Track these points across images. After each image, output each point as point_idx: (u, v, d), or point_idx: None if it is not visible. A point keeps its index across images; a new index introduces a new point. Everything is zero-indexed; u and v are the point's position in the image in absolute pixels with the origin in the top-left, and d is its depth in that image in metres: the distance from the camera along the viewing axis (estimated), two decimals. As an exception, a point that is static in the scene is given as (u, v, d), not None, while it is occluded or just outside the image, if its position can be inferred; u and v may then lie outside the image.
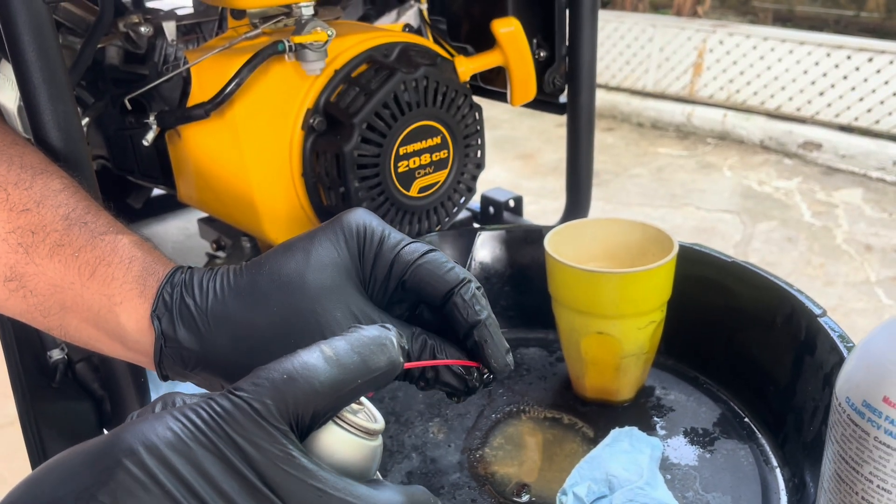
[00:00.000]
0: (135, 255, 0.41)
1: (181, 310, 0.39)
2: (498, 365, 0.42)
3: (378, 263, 0.42)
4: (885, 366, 0.28)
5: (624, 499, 0.49)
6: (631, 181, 3.06)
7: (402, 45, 0.71)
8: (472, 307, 0.41)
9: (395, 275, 0.41)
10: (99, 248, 0.41)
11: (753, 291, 0.61)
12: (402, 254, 0.42)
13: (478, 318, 0.41)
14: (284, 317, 0.39)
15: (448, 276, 0.41)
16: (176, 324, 0.39)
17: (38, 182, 0.42)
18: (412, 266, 0.41)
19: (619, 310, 0.57)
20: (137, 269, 0.41)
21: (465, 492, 0.54)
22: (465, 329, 0.41)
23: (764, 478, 0.54)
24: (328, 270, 0.40)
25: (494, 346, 0.41)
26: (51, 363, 0.61)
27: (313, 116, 0.67)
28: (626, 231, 0.63)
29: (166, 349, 0.39)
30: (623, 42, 3.83)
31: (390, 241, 0.42)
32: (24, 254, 0.40)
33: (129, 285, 0.40)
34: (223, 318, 0.39)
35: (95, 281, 0.40)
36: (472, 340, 0.41)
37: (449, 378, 0.42)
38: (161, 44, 0.68)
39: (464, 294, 0.41)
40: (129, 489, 0.26)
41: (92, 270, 0.40)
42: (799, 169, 3.07)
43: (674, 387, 0.64)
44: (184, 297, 0.40)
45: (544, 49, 0.79)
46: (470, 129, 0.74)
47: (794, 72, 3.25)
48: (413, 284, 0.41)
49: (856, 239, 2.52)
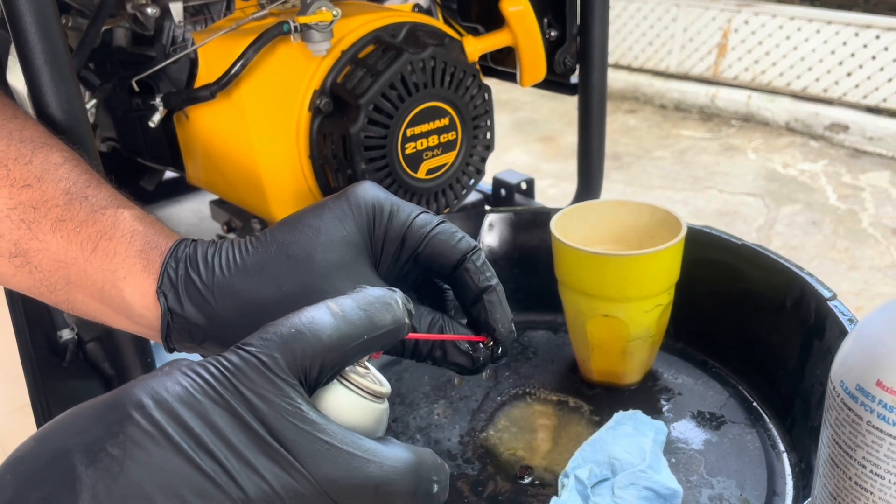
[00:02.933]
0: (136, 230, 0.41)
1: (187, 285, 0.39)
2: (504, 330, 0.43)
3: (389, 238, 0.42)
4: (879, 349, 0.27)
5: (626, 482, 0.49)
6: (653, 164, 3.02)
7: (410, 25, 0.70)
8: (483, 273, 0.42)
9: (408, 248, 0.42)
10: (100, 222, 0.40)
11: (763, 274, 0.60)
12: (413, 227, 0.42)
13: (489, 284, 0.42)
14: (293, 293, 0.39)
15: (460, 245, 0.42)
16: (182, 299, 0.39)
17: (38, 156, 0.41)
18: (425, 239, 0.42)
19: (624, 293, 0.56)
20: (140, 243, 0.40)
21: (468, 473, 0.54)
22: (474, 294, 0.42)
23: (770, 462, 0.53)
24: (338, 248, 0.40)
25: (502, 312, 0.43)
26: (61, 343, 0.62)
27: (320, 98, 0.67)
28: (634, 213, 0.63)
29: (173, 324, 0.39)
30: (646, 22, 3.77)
31: (401, 216, 0.42)
32: (26, 230, 0.40)
33: (131, 260, 0.40)
34: (230, 292, 0.39)
35: (98, 256, 0.40)
36: (481, 306, 0.42)
37: (456, 356, 0.42)
38: (169, 25, 0.68)
39: (475, 261, 0.42)
40: (138, 441, 0.27)
41: (94, 246, 0.40)
42: (825, 151, 3.02)
43: (682, 370, 0.63)
44: (189, 272, 0.39)
45: (555, 28, 0.78)
46: (479, 110, 0.73)
47: (820, 52, 3.19)
48: (426, 257, 0.42)
49: (882, 223, 2.47)
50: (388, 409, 0.35)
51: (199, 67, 0.68)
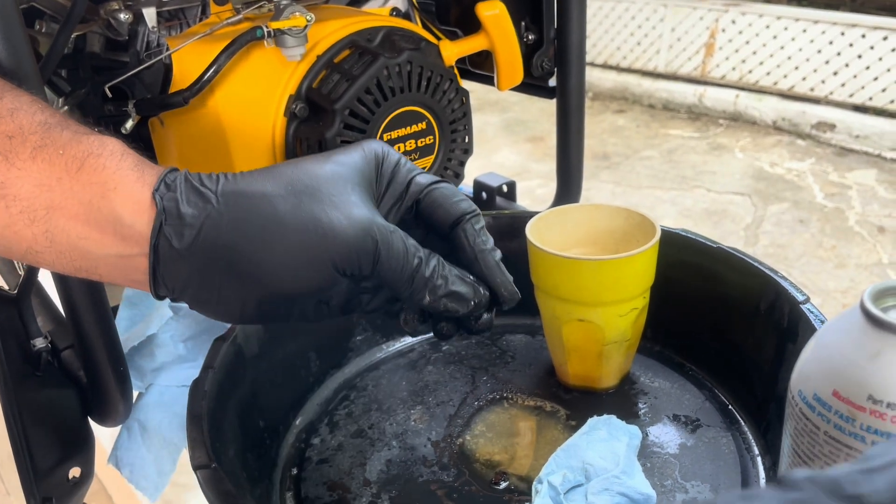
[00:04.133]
0: (127, 151, 0.39)
1: (187, 191, 0.38)
2: (506, 292, 0.43)
3: (395, 181, 0.43)
4: (836, 359, 0.27)
5: (599, 487, 0.49)
6: (641, 163, 3.03)
7: (386, 30, 0.70)
8: (480, 236, 0.43)
9: (412, 194, 0.43)
10: (85, 143, 0.38)
11: (738, 277, 0.60)
12: (418, 177, 0.43)
13: (485, 248, 0.42)
14: (298, 191, 0.38)
15: (462, 203, 0.43)
16: (180, 202, 0.37)
17: (7, 96, 0.39)
18: (428, 187, 0.43)
19: (599, 297, 0.56)
20: (131, 161, 0.38)
21: (444, 480, 0.54)
22: (470, 257, 0.42)
23: (745, 466, 0.53)
24: (346, 167, 0.40)
25: (501, 275, 0.43)
26: (34, 351, 0.62)
27: (295, 103, 0.67)
28: (610, 217, 0.63)
29: (166, 226, 0.37)
30: (634, 22, 3.78)
31: (408, 166, 0.43)
32: (3, 160, 0.37)
33: (123, 171, 0.38)
34: (233, 191, 0.38)
35: (85, 172, 0.37)
36: (478, 270, 0.42)
37: (455, 301, 0.42)
38: (142, 30, 0.67)
39: (474, 223, 0.43)
40: None
41: (80, 164, 0.37)
42: (812, 150, 3.03)
43: (658, 374, 0.63)
44: (189, 178, 0.38)
45: (532, 32, 0.77)
46: (456, 114, 0.73)
47: (807, 51, 3.20)
48: (427, 205, 0.43)
49: (868, 220, 2.49)
50: None
51: (173, 73, 0.67)
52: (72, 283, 0.54)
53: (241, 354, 0.56)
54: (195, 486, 1.27)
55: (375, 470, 0.55)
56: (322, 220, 0.38)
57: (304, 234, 0.37)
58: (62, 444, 0.60)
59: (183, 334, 0.65)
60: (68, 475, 0.61)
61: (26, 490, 0.57)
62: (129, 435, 0.64)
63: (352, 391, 0.64)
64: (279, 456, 0.58)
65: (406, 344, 0.70)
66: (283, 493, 0.55)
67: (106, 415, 0.60)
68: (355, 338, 0.68)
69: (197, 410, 0.49)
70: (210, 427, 0.48)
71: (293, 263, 0.38)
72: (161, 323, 0.63)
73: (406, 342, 0.70)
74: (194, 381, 0.52)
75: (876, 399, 0.26)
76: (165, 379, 0.64)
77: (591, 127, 3.29)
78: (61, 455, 0.59)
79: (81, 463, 0.61)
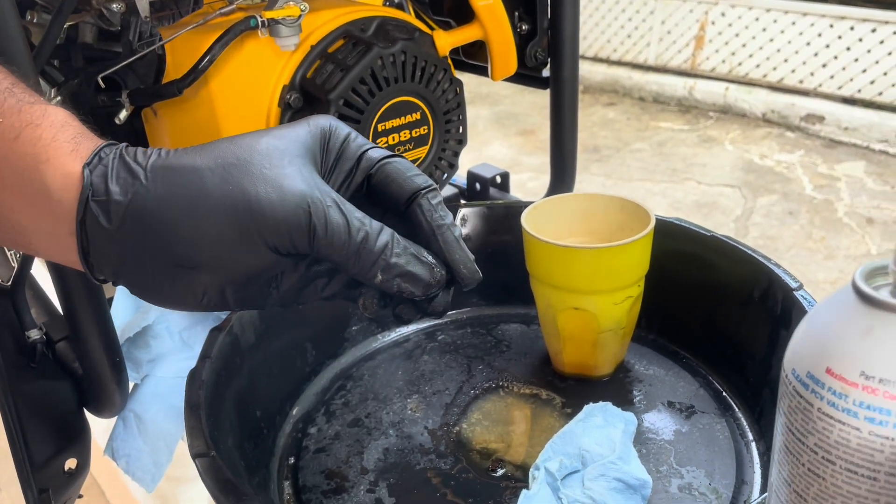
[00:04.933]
0: (68, 122, 0.37)
1: (118, 167, 0.36)
2: (468, 270, 0.40)
3: (344, 156, 0.40)
4: (829, 337, 0.27)
5: (596, 473, 0.49)
6: (632, 156, 3.04)
7: (380, 20, 0.70)
8: (438, 211, 0.40)
9: (363, 168, 0.40)
10: (26, 112, 0.36)
11: (732, 265, 0.60)
12: (370, 152, 0.41)
13: (442, 223, 0.40)
14: (229, 164, 0.36)
15: (417, 178, 0.40)
16: (109, 178, 0.36)
17: None
18: (381, 161, 0.40)
19: (593, 285, 0.57)
20: (70, 133, 0.37)
21: (441, 467, 0.54)
22: (427, 233, 0.40)
23: (739, 451, 0.54)
24: (285, 140, 0.38)
25: (460, 251, 0.40)
26: (29, 343, 0.61)
27: (290, 93, 0.66)
28: (604, 206, 0.63)
29: (92, 202, 0.35)
30: (624, 15, 3.78)
31: (358, 140, 0.41)
32: None
33: (58, 144, 0.36)
34: (162, 168, 0.36)
35: (20, 143, 0.36)
36: (437, 247, 0.40)
37: (409, 282, 0.39)
38: (135, 21, 0.67)
39: (430, 198, 0.40)
40: None
41: (17, 133, 0.36)
42: (801, 142, 3.04)
43: (653, 361, 0.64)
44: (123, 155, 0.37)
45: (526, 22, 0.78)
46: (450, 104, 0.73)
47: (796, 43, 3.21)
48: (379, 181, 0.40)
49: (857, 212, 2.50)
50: None
51: (166, 63, 0.67)
52: (68, 274, 0.54)
53: (237, 344, 0.56)
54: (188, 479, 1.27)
55: (373, 458, 0.56)
56: (250, 193, 0.36)
57: (232, 209, 0.36)
58: (58, 436, 0.60)
59: (178, 325, 0.65)
60: (64, 466, 0.61)
61: (23, 482, 0.57)
62: (124, 426, 0.64)
63: (348, 381, 0.65)
64: (276, 445, 0.58)
65: (401, 334, 0.70)
66: (281, 481, 0.55)
67: (102, 406, 0.60)
68: (351, 328, 0.68)
69: (195, 399, 0.49)
70: (208, 416, 0.48)
71: (224, 242, 0.36)
72: (157, 314, 0.63)
73: (401, 332, 0.70)
74: (191, 370, 0.52)
75: (868, 375, 0.27)
76: (161, 370, 0.64)
77: (582, 120, 3.30)
78: (57, 446, 0.59)
79: (77, 454, 0.61)
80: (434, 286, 0.40)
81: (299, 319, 0.63)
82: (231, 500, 0.41)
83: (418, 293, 0.39)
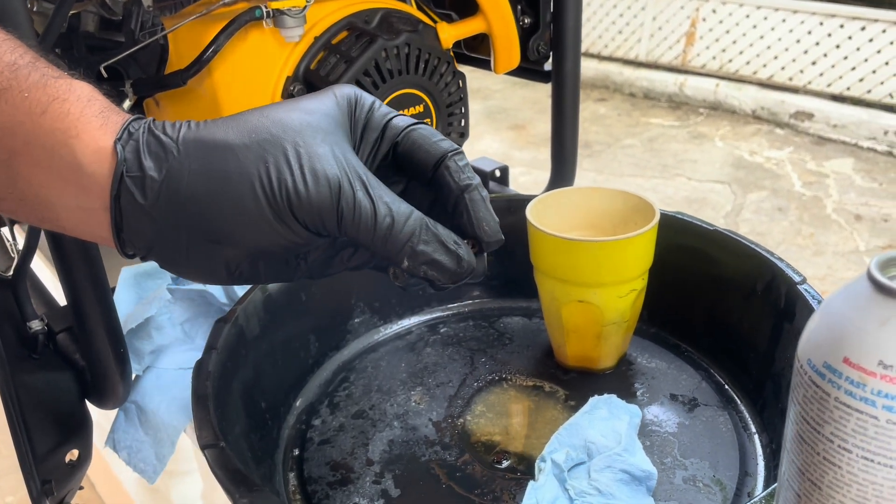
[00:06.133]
0: (95, 96, 0.37)
1: (148, 140, 0.36)
2: (490, 229, 0.41)
3: (370, 126, 0.41)
4: (846, 327, 0.28)
5: (602, 465, 0.50)
6: (623, 152, 3.05)
7: (384, 12, 0.70)
8: (465, 172, 0.40)
9: (388, 137, 0.41)
10: (52, 87, 0.36)
11: (735, 259, 0.61)
12: (394, 120, 0.41)
13: (470, 182, 0.40)
14: (262, 140, 0.36)
15: (442, 143, 0.41)
16: (142, 153, 0.36)
17: None
18: (406, 129, 0.41)
19: (599, 278, 0.57)
20: (98, 107, 0.37)
21: (446, 459, 0.54)
22: (455, 193, 0.40)
23: (742, 444, 0.54)
24: (316, 115, 0.38)
25: (486, 211, 0.41)
26: (30, 334, 0.61)
27: (293, 84, 0.66)
28: (608, 200, 0.63)
29: (127, 178, 0.36)
30: (616, 11, 3.79)
31: (383, 109, 0.41)
32: None
33: (86, 118, 0.36)
34: (195, 142, 0.36)
35: (48, 118, 0.36)
36: (463, 207, 0.40)
37: (436, 270, 0.39)
38: (137, 10, 0.66)
39: (458, 160, 0.41)
40: None
41: (44, 108, 0.36)
42: (790, 139, 3.06)
43: (655, 355, 0.64)
44: (153, 129, 0.37)
45: (528, 16, 0.78)
46: (453, 97, 0.73)
47: (786, 41, 3.23)
48: (406, 148, 0.41)
49: (846, 209, 2.52)
50: None
51: (169, 53, 0.67)
52: (72, 264, 0.54)
53: (242, 335, 0.56)
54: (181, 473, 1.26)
55: (378, 450, 0.56)
56: (285, 174, 0.36)
57: (269, 189, 0.36)
58: (60, 427, 0.59)
59: (181, 316, 0.65)
60: (66, 458, 0.60)
61: (26, 473, 0.56)
62: (126, 418, 0.63)
63: (351, 373, 0.65)
64: (281, 437, 0.58)
65: (404, 326, 0.70)
66: (286, 473, 0.55)
67: (105, 397, 0.60)
68: (353, 320, 0.68)
69: (202, 391, 0.49)
70: (216, 407, 0.48)
71: (259, 219, 0.36)
72: (159, 305, 0.63)
73: (404, 325, 0.70)
74: (198, 361, 0.51)
75: (886, 364, 0.27)
76: (164, 361, 0.63)
77: (573, 115, 3.29)
78: (59, 438, 0.59)
79: (79, 445, 0.61)
80: (460, 276, 0.40)
81: (303, 311, 0.63)
82: (242, 491, 0.41)
83: (445, 281, 0.40)
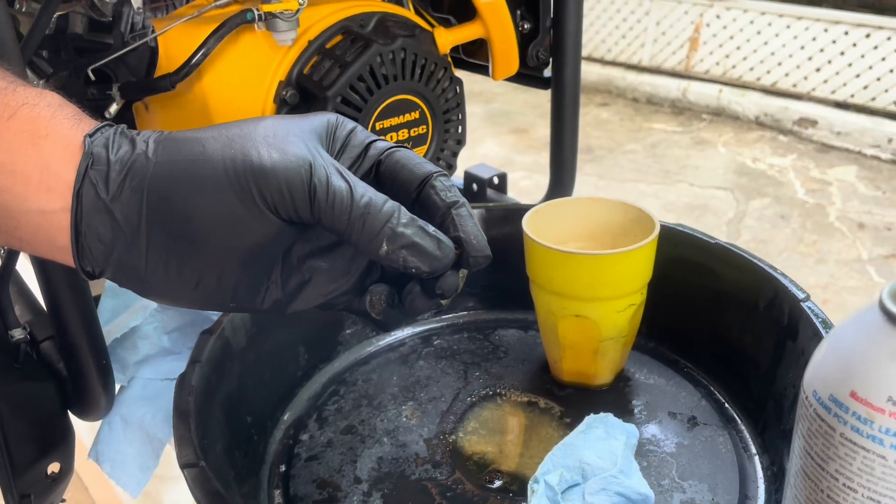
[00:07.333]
0: (66, 104, 0.37)
1: (119, 139, 0.36)
2: (478, 243, 0.40)
3: (351, 144, 0.40)
4: (854, 359, 0.26)
5: (597, 487, 0.48)
6: (625, 157, 3.03)
7: (380, 15, 0.68)
8: (450, 191, 0.40)
9: (371, 156, 0.40)
10: (21, 93, 0.35)
11: (737, 274, 0.59)
12: (376, 143, 0.41)
13: (457, 199, 0.40)
14: (235, 136, 0.36)
15: (425, 164, 0.40)
16: (110, 147, 0.35)
17: None
18: (388, 150, 0.40)
19: (596, 292, 0.55)
20: (70, 111, 0.36)
21: (437, 478, 0.53)
22: (442, 210, 0.39)
23: (742, 465, 0.53)
24: (291, 121, 0.38)
25: (473, 225, 0.40)
26: (12, 343, 0.59)
27: (286, 89, 0.65)
28: (608, 211, 0.61)
29: (91, 171, 0.35)
30: (619, 15, 3.78)
31: (364, 133, 0.41)
32: None
33: (58, 120, 0.36)
34: (165, 140, 0.36)
35: (16, 121, 0.35)
36: (450, 222, 0.39)
37: (416, 255, 0.37)
38: (127, 11, 0.65)
39: (444, 181, 0.40)
40: None
41: (12, 112, 0.35)
42: (794, 146, 3.05)
43: (654, 371, 0.62)
44: (125, 131, 0.36)
45: (528, 21, 0.76)
46: (450, 103, 0.71)
47: (790, 47, 3.21)
48: (389, 167, 0.40)
49: (849, 217, 2.50)
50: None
51: (159, 56, 0.65)
52: (53, 271, 0.52)
53: (228, 348, 0.55)
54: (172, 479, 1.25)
55: (366, 467, 0.54)
56: (251, 155, 0.35)
57: (231, 169, 0.35)
58: (41, 439, 0.58)
59: (167, 326, 0.63)
60: (47, 471, 0.59)
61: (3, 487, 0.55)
62: (110, 429, 0.62)
63: (341, 386, 0.63)
64: (267, 452, 0.56)
65: (397, 338, 0.69)
66: (271, 490, 0.53)
67: (87, 409, 0.58)
68: (345, 331, 0.67)
69: (184, 406, 0.47)
70: (197, 423, 0.46)
71: (222, 203, 0.35)
72: (145, 314, 0.62)
73: (397, 336, 0.69)
74: (181, 375, 0.50)
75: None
76: (149, 372, 0.62)
77: (575, 119, 3.28)
78: (40, 450, 0.58)
79: (61, 458, 0.59)
80: (442, 261, 0.38)
81: (293, 321, 0.61)
82: (221, 514, 0.40)
83: (425, 268, 0.38)
